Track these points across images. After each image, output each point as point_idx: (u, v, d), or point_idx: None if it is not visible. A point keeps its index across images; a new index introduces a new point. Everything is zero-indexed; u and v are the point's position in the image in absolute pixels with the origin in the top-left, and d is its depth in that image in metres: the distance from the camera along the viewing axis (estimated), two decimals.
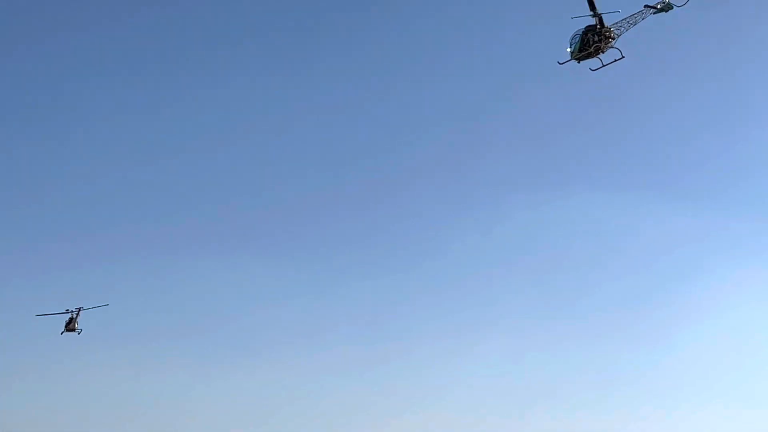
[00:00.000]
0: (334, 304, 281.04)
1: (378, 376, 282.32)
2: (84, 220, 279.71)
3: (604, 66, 39.45)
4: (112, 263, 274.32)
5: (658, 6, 38.75)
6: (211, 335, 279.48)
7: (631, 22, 39.60)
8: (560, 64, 41.87)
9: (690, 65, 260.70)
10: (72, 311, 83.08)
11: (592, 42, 39.86)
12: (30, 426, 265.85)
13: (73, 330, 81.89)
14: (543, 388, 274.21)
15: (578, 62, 41.19)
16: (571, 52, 41.39)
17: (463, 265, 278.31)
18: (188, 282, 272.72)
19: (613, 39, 39.33)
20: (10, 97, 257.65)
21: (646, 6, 38.88)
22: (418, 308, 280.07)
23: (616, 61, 38.20)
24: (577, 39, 40.13)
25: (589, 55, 40.16)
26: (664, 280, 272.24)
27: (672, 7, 39.63)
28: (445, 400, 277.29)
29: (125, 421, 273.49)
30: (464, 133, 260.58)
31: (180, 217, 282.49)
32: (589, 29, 39.53)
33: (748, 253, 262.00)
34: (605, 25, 39.71)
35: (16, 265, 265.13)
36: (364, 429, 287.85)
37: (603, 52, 38.51)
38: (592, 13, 37.46)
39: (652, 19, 40.19)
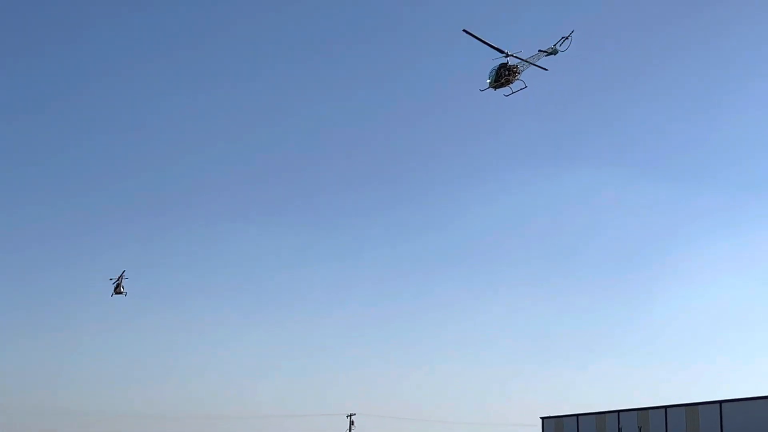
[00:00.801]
0: (355, 267, 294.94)
1: (397, 331, 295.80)
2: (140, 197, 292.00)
3: (513, 93, 50.61)
4: (162, 231, 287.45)
5: (548, 50, 49.46)
6: (248, 294, 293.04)
7: (529, 62, 50.49)
8: (481, 90, 52.66)
9: (674, 63, 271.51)
10: (118, 278, 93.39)
11: (503, 76, 51.06)
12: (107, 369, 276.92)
13: (121, 293, 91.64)
14: (540, 339, 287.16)
15: (495, 90, 51.73)
16: (489, 83, 52.16)
17: (470, 232, 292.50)
18: (227, 247, 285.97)
19: (519, 73, 50.34)
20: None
21: (539, 50, 49.89)
22: (431, 271, 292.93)
23: (521, 89, 49.49)
24: (493, 73, 50.99)
25: (501, 85, 51.07)
26: (646, 246, 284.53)
27: (557, 52, 49.95)
28: (457, 352, 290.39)
29: (176, 369, 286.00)
30: (471, 110, 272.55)
31: (219, 190, 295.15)
32: (502, 66, 50.56)
33: (719, 224, 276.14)
34: (512, 64, 50.51)
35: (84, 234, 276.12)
36: (385, 380, 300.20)
37: (512, 83, 49.76)
38: (504, 54, 47.04)
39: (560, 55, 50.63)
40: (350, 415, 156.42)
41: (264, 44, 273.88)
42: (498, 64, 50.72)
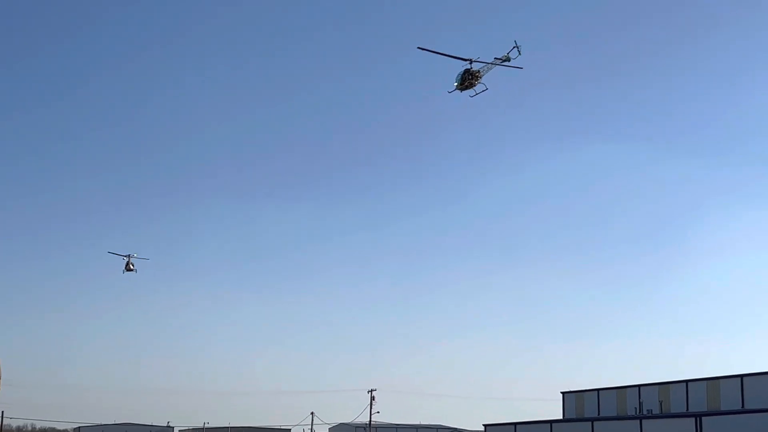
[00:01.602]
0: (374, 243, 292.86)
1: (416, 307, 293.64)
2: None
3: (477, 94, 55.23)
4: (178, 209, 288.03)
5: (502, 58, 53.45)
6: (268, 272, 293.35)
7: (488, 68, 54.79)
8: (449, 92, 56.95)
9: (697, 38, 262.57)
10: (126, 255, 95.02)
11: (467, 80, 55.59)
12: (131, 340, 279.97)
13: (131, 270, 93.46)
14: (561, 314, 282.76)
15: (461, 92, 56.25)
16: (456, 86, 56.49)
17: (490, 208, 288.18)
18: (245, 225, 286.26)
19: (480, 77, 54.71)
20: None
21: (495, 58, 53.83)
22: (450, 247, 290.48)
23: (483, 91, 54.41)
24: (459, 77, 55.55)
25: (466, 88, 55.59)
26: (667, 221, 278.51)
27: (510, 59, 53.76)
28: (477, 327, 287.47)
29: (198, 345, 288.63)
30: (492, 86, 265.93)
31: (235, 168, 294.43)
32: (466, 71, 54.98)
33: (743, 197, 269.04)
34: (475, 69, 55.08)
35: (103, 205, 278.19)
36: (405, 356, 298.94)
37: (475, 86, 54.54)
38: (468, 61, 53.00)
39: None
40: (371, 391, 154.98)
41: (286, 19, 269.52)
42: (463, 69, 54.89)
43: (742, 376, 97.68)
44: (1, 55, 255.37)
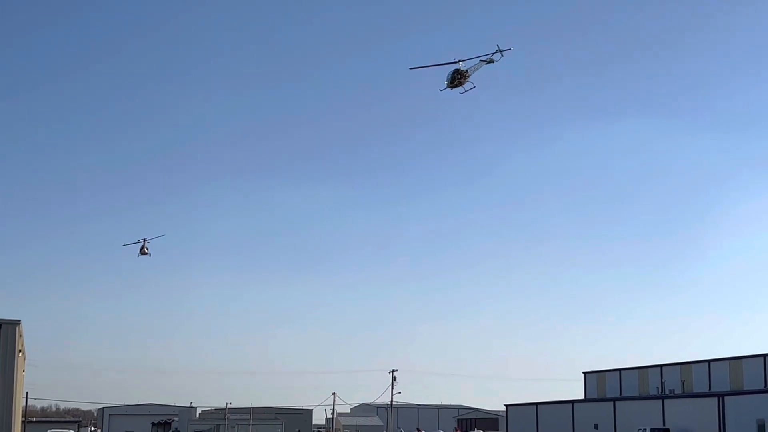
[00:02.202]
0: (397, 219, 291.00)
1: (436, 284, 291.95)
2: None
3: (466, 91, 58.21)
4: (203, 185, 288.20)
5: (486, 59, 56.97)
6: (295, 247, 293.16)
7: (475, 68, 57.59)
8: (441, 90, 59.59)
9: (721, 14, 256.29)
10: (141, 240, 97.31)
11: (456, 79, 58.26)
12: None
13: (145, 253, 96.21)
14: (582, 294, 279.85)
15: (451, 89, 58.94)
16: (447, 84, 59.21)
17: (513, 185, 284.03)
18: (274, 201, 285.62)
19: (468, 76, 57.68)
20: None
21: (480, 60, 57.30)
22: (471, 224, 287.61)
23: (471, 89, 57.90)
24: (449, 76, 58.46)
25: (455, 86, 58.43)
26: (692, 198, 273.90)
27: (494, 61, 57.25)
28: (499, 307, 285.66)
29: (224, 318, 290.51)
30: (519, 62, 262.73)
31: (267, 145, 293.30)
32: (455, 71, 57.93)
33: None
34: (463, 69, 57.77)
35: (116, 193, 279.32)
36: (425, 336, 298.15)
37: (463, 84, 57.71)
38: (456, 61, 56.59)
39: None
40: (392, 371, 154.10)
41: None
42: (452, 69, 58.01)
43: (764, 355, 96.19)
44: (5, 32, 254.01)
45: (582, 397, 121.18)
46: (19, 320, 62.34)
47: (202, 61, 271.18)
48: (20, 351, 66.66)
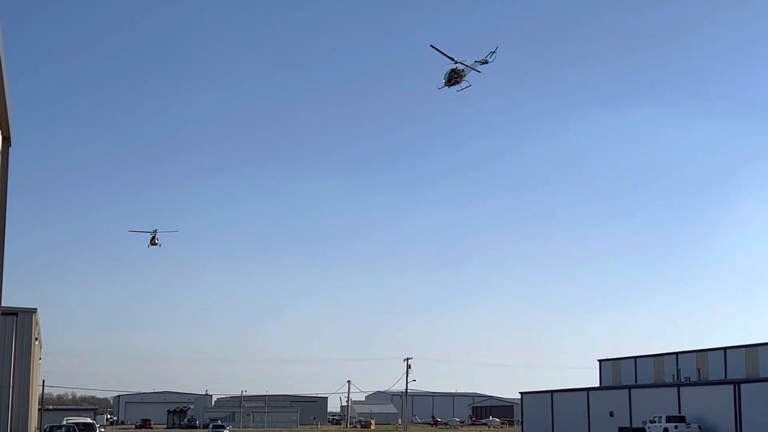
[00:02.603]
0: (412, 206, 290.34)
1: (451, 272, 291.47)
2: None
3: (462, 89, 60.35)
4: (206, 177, 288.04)
5: (481, 61, 58.92)
6: (310, 234, 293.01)
7: (471, 68, 59.28)
8: (439, 89, 61.78)
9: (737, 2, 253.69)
10: (152, 231, 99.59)
11: (453, 78, 60.32)
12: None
13: (156, 244, 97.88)
14: (598, 281, 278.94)
15: (449, 88, 61.16)
16: (444, 82, 61.32)
17: (527, 172, 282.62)
18: (290, 187, 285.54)
19: (464, 76, 59.80)
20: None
21: (475, 61, 59.12)
22: (486, 211, 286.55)
23: (467, 87, 59.99)
24: (446, 75, 60.63)
25: (452, 84, 60.60)
26: (707, 185, 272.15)
27: (488, 62, 58.91)
28: (515, 294, 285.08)
29: (239, 306, 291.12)
30: (535, 45, 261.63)
31: (283, 129, 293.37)
32: (453, 70, 60.11)
33: None
34: (459, 69, 59.72)
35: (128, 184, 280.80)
36: (440, 323, 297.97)
37: (460, 83, 59.88)
38: (453, 61, 58.66)
39: None
40: (407, 359, 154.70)
41: None
42: (450, 69, 60.39)
43: None
44: (18, 17, 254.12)
45: (597, 384, 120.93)
46: (36, 308, 62.65)
47: (203, 50, 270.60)
48: (36, 339, 67.07)
